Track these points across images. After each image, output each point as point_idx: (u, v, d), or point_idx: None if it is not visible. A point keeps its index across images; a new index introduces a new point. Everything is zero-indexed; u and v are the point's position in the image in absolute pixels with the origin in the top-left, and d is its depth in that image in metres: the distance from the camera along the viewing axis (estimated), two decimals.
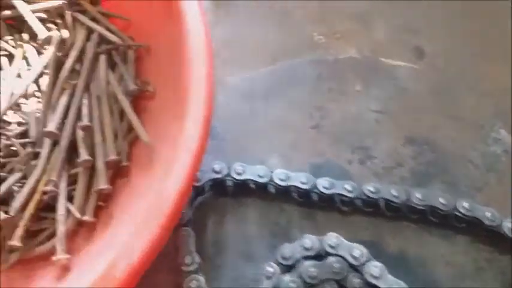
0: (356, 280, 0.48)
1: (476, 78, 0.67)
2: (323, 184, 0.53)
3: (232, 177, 0.54)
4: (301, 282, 0.47)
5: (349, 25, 0.73)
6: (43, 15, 0.61)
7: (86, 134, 0.54)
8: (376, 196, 0.53)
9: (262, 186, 0.54)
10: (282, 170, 0.54)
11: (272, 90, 0.65)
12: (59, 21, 0.61)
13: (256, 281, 0.50)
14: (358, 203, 0.54)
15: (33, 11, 0.60)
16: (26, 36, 0.61)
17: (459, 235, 0.54)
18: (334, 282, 0.48)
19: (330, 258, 0.49)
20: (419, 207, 0.53)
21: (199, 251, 0.50)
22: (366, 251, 0.49)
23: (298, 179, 0.53)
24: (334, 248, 0.49)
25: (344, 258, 0.49)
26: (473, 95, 0.65)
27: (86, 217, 0.51)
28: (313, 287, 0.48)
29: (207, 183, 0.55)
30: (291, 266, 0.50)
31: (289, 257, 0.49)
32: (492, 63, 0.68)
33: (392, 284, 0.47)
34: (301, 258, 0.49)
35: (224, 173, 0.54)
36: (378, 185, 0.54)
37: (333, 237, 0.50)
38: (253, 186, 0.55)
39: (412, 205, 0.53)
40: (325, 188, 0.53)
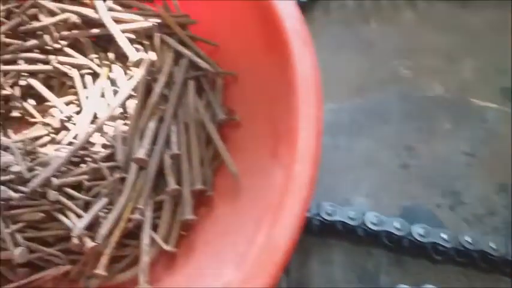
0: None
1: None
2: (418, 232, 0.51)
3: (322, 217, 0.52)
4: None
5: (435, 61, 0.70)
6: (131, 36, 0.60)
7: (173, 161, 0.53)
8: (473, 248, 0.50)
9: (352, 228, 0.52)
10: (374, 213, 0.52)
11: (357, 125, 0.63)
12: (146, 42, 0.61)
13: None
14: (453, 252, 0.52)
15: (122, 31, 0.59)
16: (111, 55, 0.61)
17: None
18: None
19: None
20: None
21: None
22: None
23: (392, 224, 0.51)
24: None
25: None
26: None
27: (169, 247, 0.50)
28: None
29: None
30: None
31: None
32: None
33: None
34: None
35: (313, 212, 0.52)
36: (475, 235, 0.51)
37: None
38: (341, 227, 0.52)
39: (510, 259, 0.50)
40: (420, 236, 0.50)
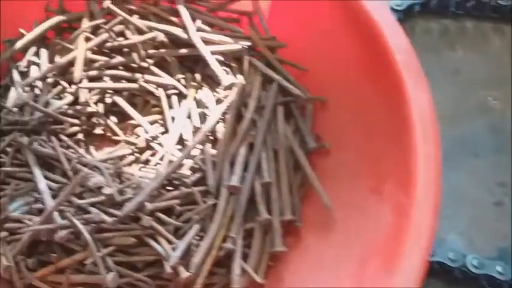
0: None
1: None
2: None
3: None
4: None
5: None
6: (219, 58, 0.59)
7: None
8: None
9: (450, 269, 0.50)
10: (474, 255, 0.50)
11: (446, 157, 0.61)
12: (233, 65, 0.60)
13: None
14: None
15: (211, 53, 0.58)
16: (198, 76, 0.60)
17: None
18: None
19: None
20: None
21: None
22: None
23: (494, 268, 0.49)
24: None
25: None
26: None
27: (259, 278, 0.49)
28: None
29: None
30: None
31: None
32: None
33: None
34: None
35: None
36: None
37: None
38: (438, 267, 0.50)
39: None
40: None
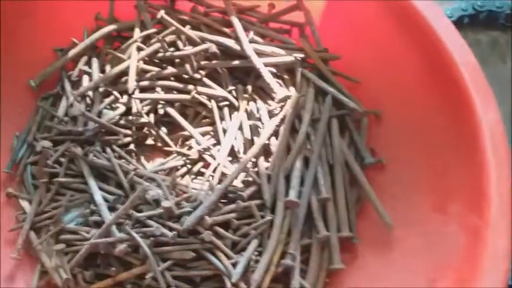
0: None
1: None
2: None
3: None
4: None
5: None
6: (272, 69, 0.59)
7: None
8: None
9: None
10: None
11: None
12: (285, 77, 0.60)
13: None
14: None
15: (264, 65, 0.58)
16: (249, 88, 0.60)
17: None
18: None
19: None
20: None
21: None
22: None
23: None
24: None
25: None
26: None
27: None
28: None
29: None
30: None
31: None
32: None
33: None
34: None
35: None
36: None
37: None
38: None
39: None
40: None
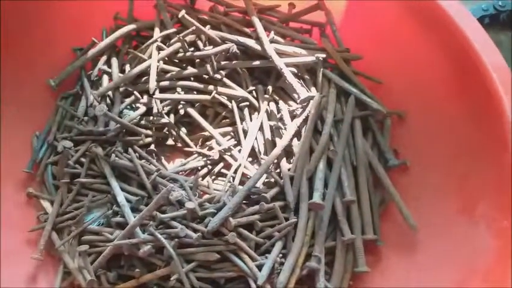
0: None
1: None
2: None
3: None
4: None
5: None
6: (293, 70, 0.59)
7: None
8: None
9: None
10: None
11: None
12: (306, 77, 0.59)
13: None
14: None
15: (286, 65, 0.57)
16: (270, 88, 0.59)
17: None
18: None
19: None
20: None
21: None
22: None
23: None
24: None
25: None
26: None
27: None
28: None
29: None
30: None
31: None
32: None
33: None
34: None
35: None
36: None
37: None
38: None
39: None
40: None
